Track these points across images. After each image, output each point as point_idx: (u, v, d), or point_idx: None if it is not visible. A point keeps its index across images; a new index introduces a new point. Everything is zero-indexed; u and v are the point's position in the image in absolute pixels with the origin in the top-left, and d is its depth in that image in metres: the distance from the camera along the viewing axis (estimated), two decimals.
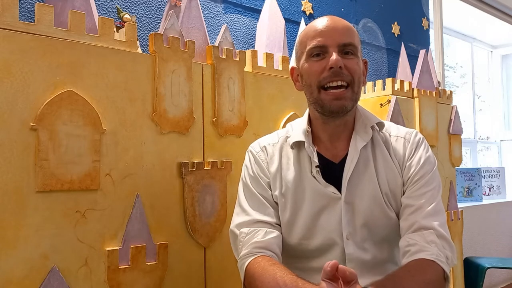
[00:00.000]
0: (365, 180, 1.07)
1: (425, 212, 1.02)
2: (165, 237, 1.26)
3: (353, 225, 1.06)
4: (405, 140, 1.11)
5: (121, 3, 1.67)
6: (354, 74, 1.03)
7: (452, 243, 1.03)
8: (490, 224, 3.49)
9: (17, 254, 1.01)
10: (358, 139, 1.08)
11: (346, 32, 1.04)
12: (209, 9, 1.94)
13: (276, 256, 1.05)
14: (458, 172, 3.44)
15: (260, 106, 1.54)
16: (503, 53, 4.71)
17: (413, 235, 1.01)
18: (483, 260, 2.48)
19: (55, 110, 1.08)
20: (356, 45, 1.05)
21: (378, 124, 1.11)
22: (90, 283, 1.11)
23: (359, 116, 1.11)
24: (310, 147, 1.09)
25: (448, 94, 2.40)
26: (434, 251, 0.97)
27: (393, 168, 1.09)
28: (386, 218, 1.07)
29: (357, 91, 1.05)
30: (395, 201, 1.08)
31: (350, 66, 1.03)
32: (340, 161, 1.09)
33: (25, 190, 1.03)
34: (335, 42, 1.03)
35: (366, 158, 1.08)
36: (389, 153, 1.10)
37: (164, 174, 1.27)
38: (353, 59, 1.04)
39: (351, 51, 1.04)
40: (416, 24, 3.16)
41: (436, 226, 1.00)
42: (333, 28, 1.04)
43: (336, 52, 1.02)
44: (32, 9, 1.45)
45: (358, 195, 1.06)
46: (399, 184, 1.08)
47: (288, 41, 2.11)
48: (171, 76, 1.29)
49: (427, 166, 1.08)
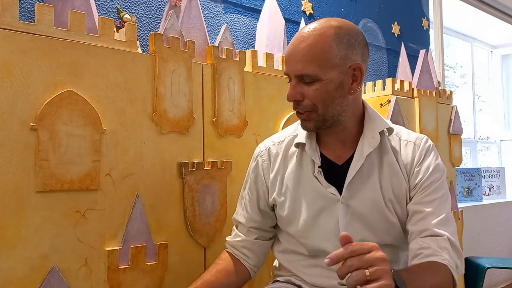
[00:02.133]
0: (367, 185, 1.06)
1: (437, 220, 1.01)
2: (165, 237, 1.26)
3: (352, 227, 1.05)
4: (415, 145, 1.10)
5: (121, 3, 1.67)
6: (315, 101, 1.01)
7: (462, 252, 1.03)
8: (490, 224, 3.48)
9: (17, 254, 1.01)
10: (365, 144, 1.06)
11: (302, 59, 0.99)
12: (209, 9, 1.94)
13: (243, 256, 1.18)
14: (458, 172, 3.44)
15: (260, 106, 1.54)
16: (503, 53, 4.71)
17: (426, 239, 1.00)
18: (483, 260, 2.48)
19: (55, 110, 1.08)
20: (311, 73, 0.99)
21: (388, 129, 1.09)
22: (90, 283, 1.11)
23: (368, 120, 1.09)
24: (311, 149, 1.09)
25: (448, 94, 2.40)
26: (447, 257, 0.97)
27: (399, 174, 1.07)
28: (387, 223, 1.06)
29: (323, 113, 1.02)
30: (399, 207, 1.07)
31: (309, 94, 1.01)
32: (344, 163, 1.08)
33: (25, 190, 1.03)
34: (292, 72, 1.02)
35: (371, 163, 1.07)
36: (396, 158, 1.09)
37: (164, 174, 1.27)
38: (312, 86, 1.00)
39: (308, 81, 1.00)
40: (416, 24, 3.16)
41: (449, 235, 1.01)
42: (291, 54, 1.02)
43: (296, 81, 1.02)
44: (32, 9, 1.45)
45: (358, 199, 1.06)
46: (404, 190, 1.07)
47: (288, 41, 2.11)
48: (171, 76, 1.29)
49: (436, 174, 1.07)
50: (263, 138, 1.38)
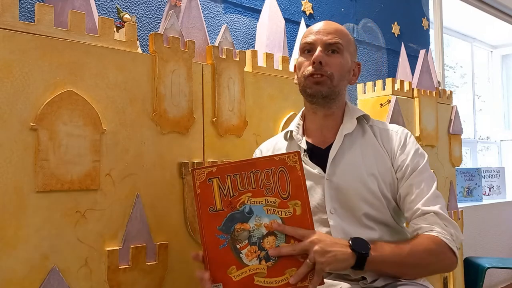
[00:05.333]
0: (349, 161, 1.15)
1: (425, 199, 1.09)
2: (165, 237, 1.26)
3: (337, 200, 1.13)
4: (394, 132, 1.20)
5: (121, 3, 1.67)
6: (334, 71, 1.14)
7: (454, 222, 1.09)
8: (490, 224, 3.48)
9: (17, 254, 1.01)
10: (344, 128, 1.19)
11: (334, 33, 1.16)
12: (209, 9, 1.94)
13: None
14: (458, 172, 3.44)
15: (260, 106, 1.54)
16: (503, 53, 4.71)
17: (417, 220, 1.08)
18: (483, 260, 2.49)
19: (55, 110, 1.08)
20: (342, 43, 1.16)
21: (364, 116, 1.21)
22: (90, 283, 1.11)
23: (348, 110, 1.22)
24: (298, 135, 1.22)
25: (448, 94, 2.40)
26: (438, 230, 1.04)
27: (382, 153, 1.17)
28: (371, 195, 1.12)
29: (336, 84, 1.15)
30: (383, 183, 1.14)
31: (332, 63, 1.14)
32: (327, 147, 1.19)
33: (25, 190, 1.03)
34: (321, 40, 1.16)
35: (352, 142, 1.18)
36: (377, 141, 1.18)
37: (164, 174, 1.27)
38: (336, 58, 1.15)
39: (336, 49, 1.15)
40: (416, 24, 3.16)
41: (437, 209, 1.07)
42: (324, 29, 1.17)
43: (321, 49, 1.15)
44: (32, 9, 1.45)
45: (340, 174, 1.14)
46: (389, 167, 1.15)
47: (288, 41, 2.11)
48: (171, 76, 1.29)
49: (418, 157, 1.15)
50: (263, 138, 1.39)
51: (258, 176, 1.00)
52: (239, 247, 0.98)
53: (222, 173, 1.00)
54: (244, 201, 0.99)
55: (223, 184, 1.00)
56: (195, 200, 1.00)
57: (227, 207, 0.99)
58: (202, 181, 1.00)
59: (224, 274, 0.97)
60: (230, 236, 0.98)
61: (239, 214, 0.99)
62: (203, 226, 0.99)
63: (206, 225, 0.99)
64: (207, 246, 0.99)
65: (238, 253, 0.98)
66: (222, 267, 0.98)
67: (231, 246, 0.98)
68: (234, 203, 0.99)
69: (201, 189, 1.00)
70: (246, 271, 0.97)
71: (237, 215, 0.99)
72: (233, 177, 1.00)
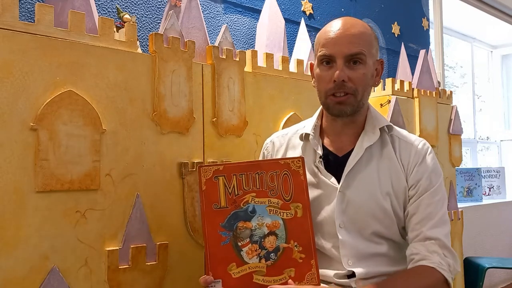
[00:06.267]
0: (365, 176, 1.11)
1: (430, 223, 1.06)
2: (165, 237, 1.26)
3: (347, 215, 1.10)
4: (413, 146, 1.14)
5: (121, 3, 1.67)
6: (358, 85, 1.07)
7: (454, 252, 1.06)
8: (490, 224, 3.49)
9: (17, 254, 1.01)
10: (366, 138, 1.12)
11: (355, 40, 1.06)
12: (209, 9, 1.94)
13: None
14: (458, 172, 3.44)
15: (260, 106, 1.54)
16: (503, 53, 4.71)
17: (417, 244, 1.06)
18: (483, 260, 2.48)
19: (55, 110, 1.08)
20: (365, 52, 1.07)
21: (387, 126, 1.15)
22: (90, 283, 1.11)
23: (370, 117, 1.16)
24: (315, 139, 1.16)
25: (448, 94, 2.40)
26: (436, 260, 1.01)
27: (398, 169, 1.12)
28: (382, 214, 1.09)
29: (360, 99, 1.09)
30: (397, 202, 1.10)
31: (355, 77, 1.06)
32: (344, 155, 1.14)
33: (25, 190, 1.03)
34: (342, 53, 1.06)
35: (370, 156, 1.12)
36: (396, 155, 1.13)
37: (164, 174, 1.27)
38: (359, 70, 1.07)
39: (358, 60, 1.07)
40: (416, 24, 3.16)
41: (440, 236, 1.05)
42: (342, 37, 1.07)
43: (342, 62, 1.06)
44: (32, 9, 1.45)
45: (355, 188, 1.10)
46: (403, 187, 1.11)
47: (288, 41, 2.11)
48: (171, 76, 1.29)
49: (433, 177, 1.11)
50: (263, 138, 1.38)
51: (263, 178, 1.02)
52: (240, 244, 0.99)
53: (228, 172, 1.02)
54: (248, 200, 1.01)
55: (229, 183, 1.02)
56: (200, 196, 1.02)
57: (231, 205, 1.01)
58: (208, 178, 1.02)
59: (224, 270, 0.99)
60: (232, 233, 1.00)
61: (243, 213, 1.01)
62: (206, 222, 1.01)
63: (209, 221, 1.00)
64: (209, 242, 1.00)
65: (239, 250, 0.99)
66: (223, 264, 0.99)
67: (232, 243, 1.00)
68: (238, 201, 1.01)
69: (207, 186, 1.02)
70: (246, 268, 0.99)
71: (241, 213, 1.01)
72: (238, 177, 1.02)
